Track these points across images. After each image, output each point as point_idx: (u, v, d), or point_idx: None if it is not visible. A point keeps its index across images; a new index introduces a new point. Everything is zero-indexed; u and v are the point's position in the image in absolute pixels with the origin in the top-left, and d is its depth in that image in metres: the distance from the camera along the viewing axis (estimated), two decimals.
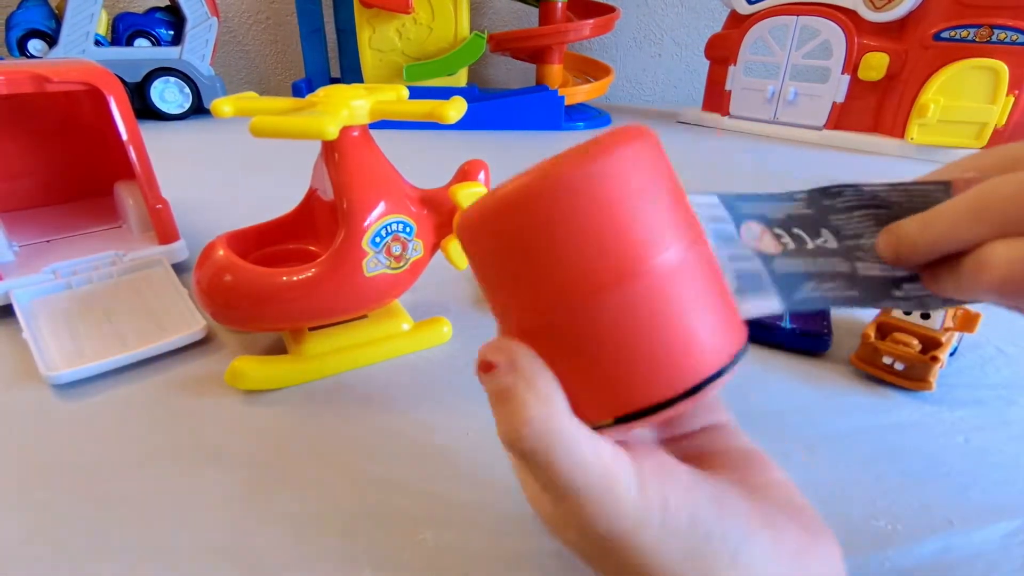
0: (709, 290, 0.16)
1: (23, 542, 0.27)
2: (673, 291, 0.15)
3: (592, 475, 0.15)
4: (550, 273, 0.15)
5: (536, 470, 0.16)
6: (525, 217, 0.15)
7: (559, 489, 0.16)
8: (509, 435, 0.16)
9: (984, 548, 0.27)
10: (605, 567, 0.17)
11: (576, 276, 0.15)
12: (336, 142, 0.34)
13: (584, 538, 0.17)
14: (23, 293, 0.44)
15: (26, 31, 1.11)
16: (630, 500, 0.16)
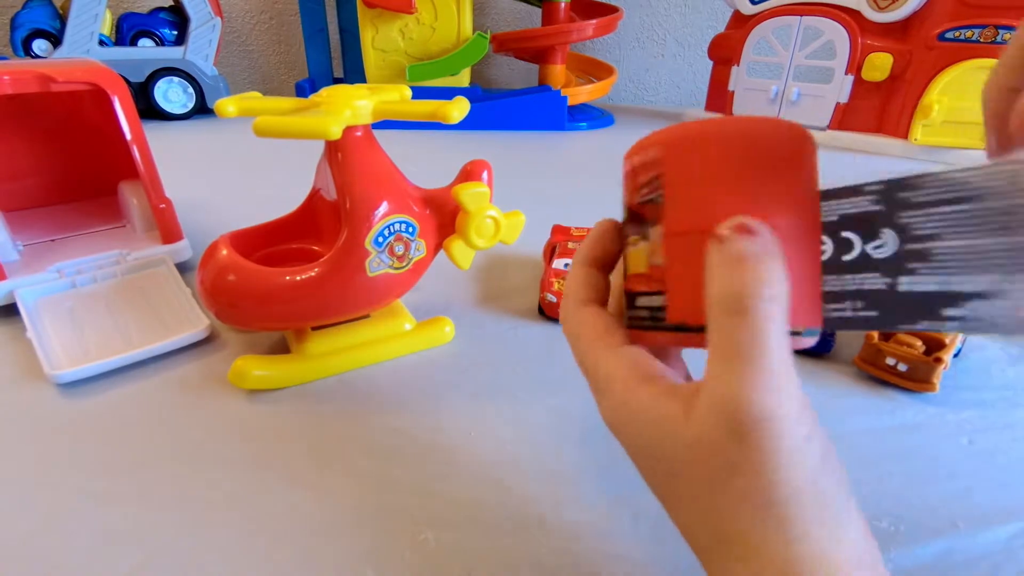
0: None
1: (27, 540, 0.27)
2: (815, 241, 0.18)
3: (780, 359, 0.16)
4: (783, 191, 0.17)
5: (741, 330, 0.16)
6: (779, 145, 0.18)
7: (747, 356, 0.15)
8: (737, 288, 0.16)
9: (989, 550, 0.27)
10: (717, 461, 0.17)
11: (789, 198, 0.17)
12: (339, 142, 0.34)
13: (724, 411, 0.16)
14: (28, 292, 0.44)
15: (31, 31, 1.12)
16: (794, 399, 0.16)
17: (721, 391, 0.16)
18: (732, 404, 0.15)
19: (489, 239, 0.39)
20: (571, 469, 0.32)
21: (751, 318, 0.15)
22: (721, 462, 0.16)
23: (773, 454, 0.15)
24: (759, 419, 0.15)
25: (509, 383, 0.39)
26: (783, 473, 0.15)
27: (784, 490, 0.15)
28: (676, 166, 0.18)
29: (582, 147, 1.07)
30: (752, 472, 0.15)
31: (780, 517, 0.15)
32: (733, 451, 0.15)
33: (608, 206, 0.73)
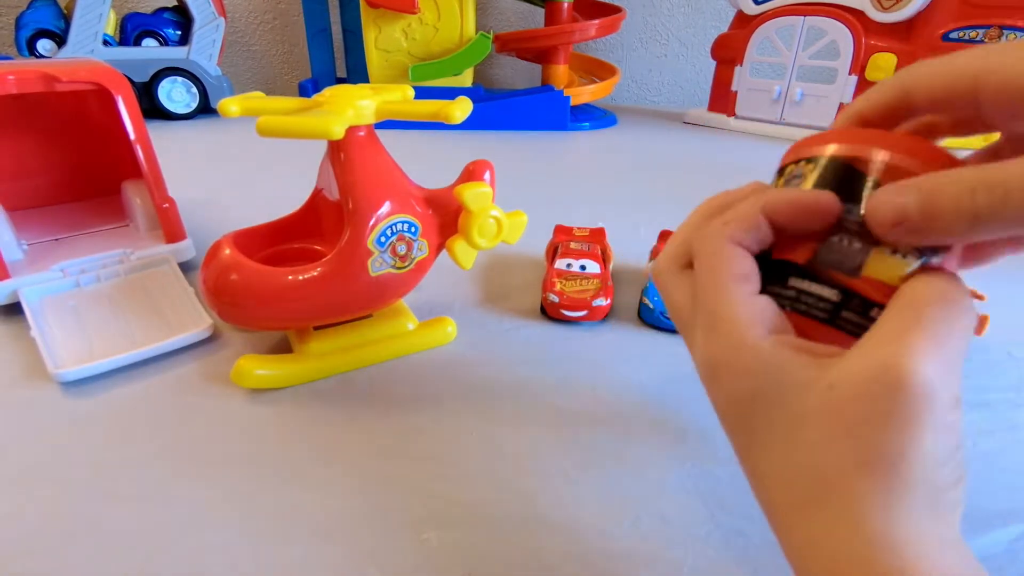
0: None
1: (30, 538, 0.27)
2: None
3: (960, 348, 0.16)
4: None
5: (937, 310, 0.16)
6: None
7: (931, 332, 0.15)
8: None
9: (991, 552, 0.27)
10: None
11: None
12: (342, 142, 0.35)
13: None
14: (32, 291, 0.44)
15: (35, 31, 1.12)
16: (954, 386, 0.15)
17: (887, 352, 0.15)
18: (897, 364, 0.15)
19: (491, 239, 0.39)
20: (573, 469, 0.32)
21: (957, 309, 0.16)
22: (857, 412, 0.15)
23: (916, 423, 0.15)
24: (923, 385, 0.14)
25: (511, 383, 0.39)
26: (915, 450, 0.15)
27: (906, 466, 0.15)
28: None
29: (585, 147, 1.07)
30: (888, 429, 0.15)
31: (899, 490, 0.15)
32: (877, 403, 0.15)
33: (610, 206, 0.73)
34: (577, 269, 0.48)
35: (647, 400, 0.37)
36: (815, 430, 0.16)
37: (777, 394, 0.17)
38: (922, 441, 0.15)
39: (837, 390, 0.16)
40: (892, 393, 0.15)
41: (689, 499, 0.29)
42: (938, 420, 0.15)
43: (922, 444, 0.15)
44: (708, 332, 0.19)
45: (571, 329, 0.45)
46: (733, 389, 0.18)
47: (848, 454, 0.15)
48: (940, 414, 0.15)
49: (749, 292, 0.18)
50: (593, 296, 0.45)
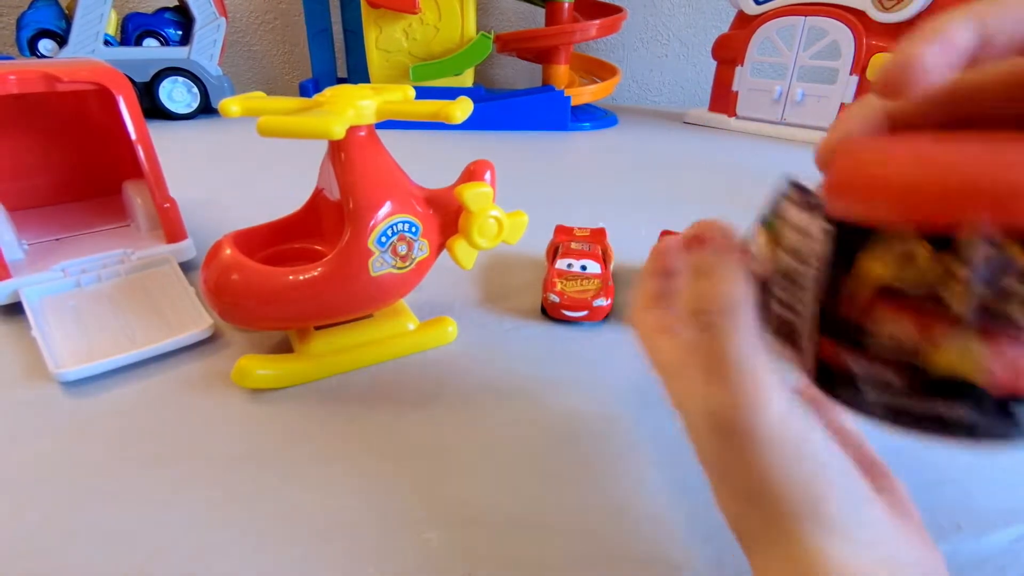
0: None
1: (31, 537, 0.27)
2: None
3: (748, 369, 0.17)
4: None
5: (708, 344, 0.18)
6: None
7: (718, 370, 0.18)
8: (701, 303, 0.18)
9: (992, 552, 0.27)
10: (710, 453, 0.19)
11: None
12: (342, 142, 0.35)
13: (708, 418, 0.19)
14: (32, 291, 0.44)
15: (37, 31, 1.12)
16: (772, 407, 0.17)
17: (704, 406, 0.18)
18: (713, 418, 0.18)
19: (492, 239, 0.39)
20: (574, 470, 0.31)
21: (719, 333, 0.18)
22: (717, 461, 0.19)
23: (755, 454, 0.17)
24: (738, 430, 0.17)
25: (511, 383, 0.39)
26: (766, 471, 0.17)
27: (769, 485, 0.17)
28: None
29: (585, 147, 1.07)
30: (740, 471, 0.18)
31: (768, 513, 0.18)
32: (724, 451, 0.18)
33: (611, 206, 0.73)
34: (578, 269, 0.48)
35: (648, 400, 0.37)
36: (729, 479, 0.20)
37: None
38: (766, 466, 0.18)
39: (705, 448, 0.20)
40: (726, 441, 0.19)
41: (691, 500, 0.29)
42: (778, 441, 0.18)
43: (767, 468, 0.18)
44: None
45: (572, 329, 0.45)
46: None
47: (734, 499, 0.20)
48: (776, 439, 0.18)
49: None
50: (594, 296, 0.45)
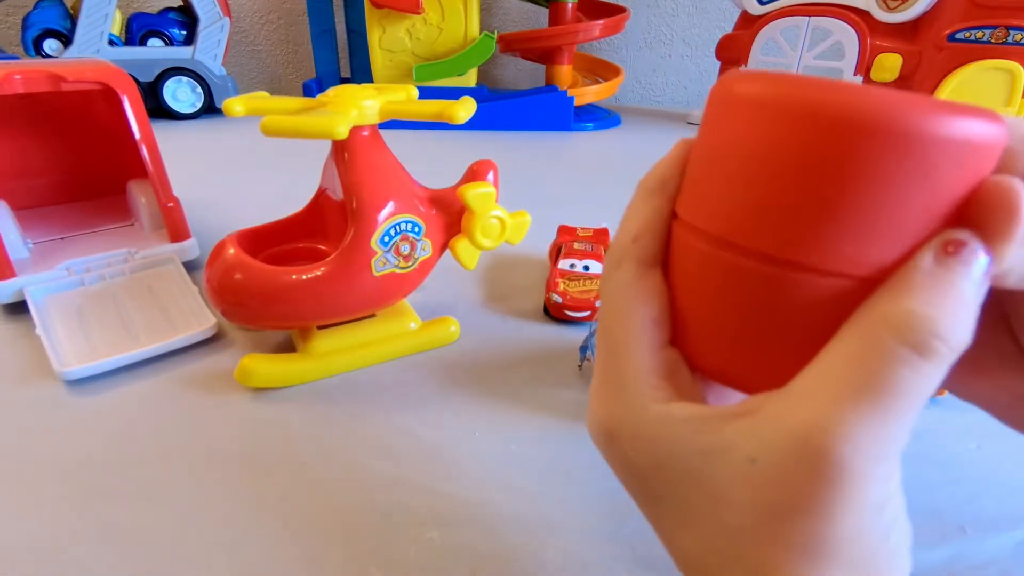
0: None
1: (35, 535, 0.27)
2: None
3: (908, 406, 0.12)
4: (817, 219, 0.13)
5: (873, 357, 0.12)
6: (859, 150, 0.12)
7: (866, 388, 0.12)
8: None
9: (997, 555, 0.27)
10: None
11: (839, 243, 0.13)
12: (346, 142, 0.35)
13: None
14: (37, 290, 0.44)
15: (42, 31, 1.13)
16: (892, 456, 0.13)
17: (810, 417, 0.12)
18: (820, 440, 0.12)
19: (495, 239, 0.39)
20: (577, 469, 0.31)
21: (927, 361, 0.12)
22: (781, 495, 0.13)
23: (849, 506, 0.12)
24: (848, 462, 0.12)
25: (514, 383, 0.39)
26: (851, 531, 0.13)
27: (844, 548, 0.13)
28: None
29: (588, 148, 1.07)
30: (818, 516, 0.13)
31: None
32: (803, 486, 0.13)
33: (614, 207, 0.72)
34: (581, 269, 0.48)
35: None
36: (736, 513, 0.14)
37: (687, 467, 0.15)
38: (853, 527, 0.13)
39: (759, 466, 0.13)
40: (815, 478, 0.12)
41: None
42: (870, 501, 0.13)
43: (853, 529, 0.13)
44: (607, 391, 0.16)
45: (575, 329, 0.45)
46: (635, 459, 0.16)
47: (775, 542, 0.13)
48: (871, 494, 0.13)
49: (657, 343, 0.16)
50: (596, 296, 0.45)
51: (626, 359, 0.16)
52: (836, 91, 0.12)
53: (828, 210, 0.12)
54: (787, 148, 0.13)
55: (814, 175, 0.12)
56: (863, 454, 0.12)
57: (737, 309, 0.14)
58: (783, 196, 0.13)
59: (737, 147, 0.14)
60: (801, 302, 0.13)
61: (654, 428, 0.15)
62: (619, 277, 0.16)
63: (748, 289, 0.14)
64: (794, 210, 0.13)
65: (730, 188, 0.14)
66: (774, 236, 0.13)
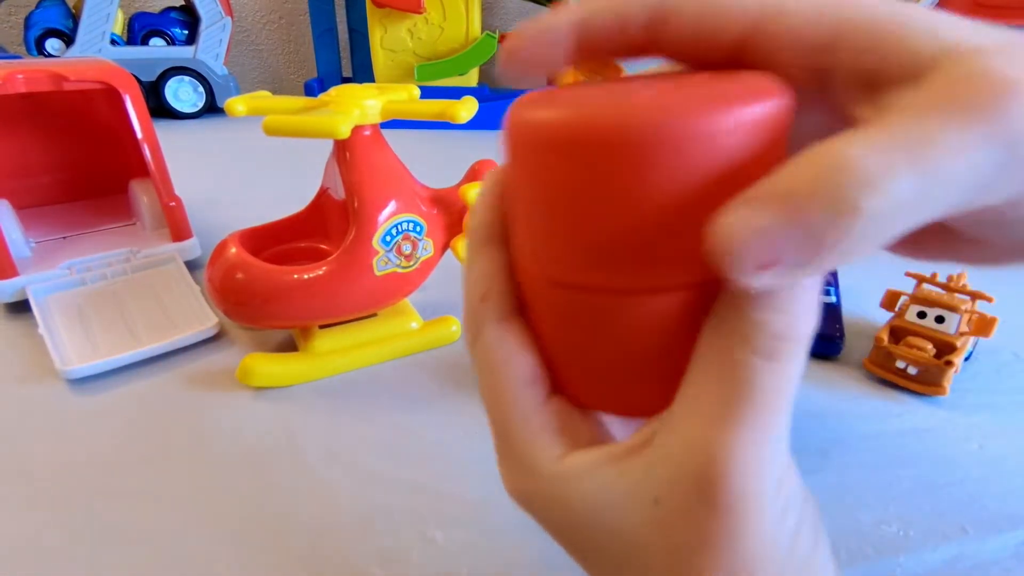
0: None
1: (38, 533, 0.27)
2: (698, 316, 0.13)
3: (782, 410, 0.13)
4: (624, 240, 0.12)
5: (764, 375, 0.12)
6: (630, 159, 0.11)
7: (745, 405, 0.12)
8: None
9: (998, 556, 0.27)
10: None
11: (653, 257, 0.12)
12: (348, 141, 0.35)
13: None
14: (39, 289, 0.44)
15: (44, 30, 1.13)
16: (779, 462, 0.13)
17: (692, 445, 0.13)
18: (707, 463, 0.12)
19: None
20: None
21: (778, 363, 0.12)
22: (688, 534, 0.13)
23: (754, 528, 0.13)
24: (741, 486, 0.12)
25: None
26: (762, 549, 0.13)
27: (761, 567, 0.13)
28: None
29: None
30: (727, 547, 0.13)
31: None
32: (705, 521, 0.12)
33: None
34: None
35: None
36: (655, 558, 0.13)
37: (601, 520, 0.14)
38: (762, 544, 0.13)
39: (663, 507, 0.13)
40: (714, 511, 0.12)
41: None
42: (772, 514, 0.13)
43: (764, 545, 0.13)
44: (507, 464, 0.16)
45: None
46: (552, 522, 0.15)
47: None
48: (770, 508, 0.13)
49: (539, 400, 0.15)
50: None
51: (513, 429, 0.15)
52: (609, 105, 0.12)
53: (635, 230, 0.12)
54: (564, 177, 0.12)
55: (603, 200, 0.12)
56: (752, 474, 0.12)
57: (594, 342, 0.14)
58: (587, 226, 0.12)
59: (529, 180, 0.13)
60: (652, 322, 0.13)
61: (559, 490, 0.14)
62: (481, 344, 0.15)
63: (598, 322, 0.13)
64: (606, 237, 0.12)
65: (539, 226, 0.13)
66: (600, 268, 0.12)
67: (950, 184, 0.10)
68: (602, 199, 0.12)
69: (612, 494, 0.14)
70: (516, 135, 0.13)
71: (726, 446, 0.12)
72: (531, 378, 0.15)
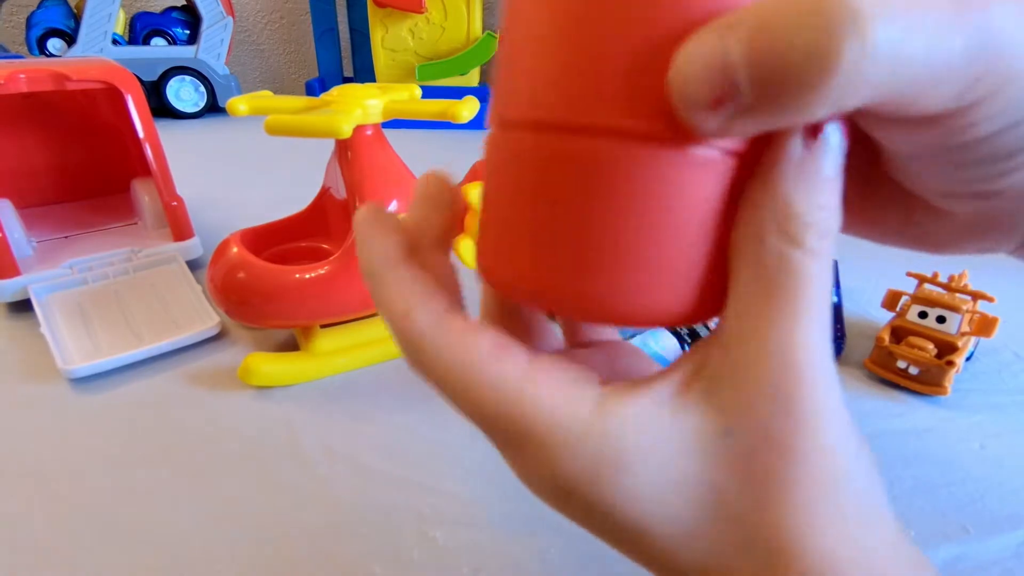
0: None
1: (41, 531, 0.27)
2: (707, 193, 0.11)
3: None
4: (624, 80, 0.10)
5: (797, 263, 0.11)
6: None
7: (792, 298, 0.11)
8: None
9: (1000, 555, 0.27)
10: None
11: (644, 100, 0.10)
12: (349, 141, 0.35)
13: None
14: (41, 288, 0.44)
15: (46, 30, 1.13)
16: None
17: (761, 359, 0.11)
18: (784, 369, 0.11)
19: None
20: None
21: (821, 259, 0.11)
22: (766, 458, 0.12)
23: (829, 438, 0.12)
24: (817, 393, 0.11)
25: None
26: (839, 463, 0.12)
27: (836, 480, 0.12)
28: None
29: None
30: (808, 462, 0.12)
31: (824, 513, 0.12)
32: (784, 437, 0.11)
33: None
34: None
35: None
36: (730, 503, 0.12)
37: (661, 480, 0.12)
38: (840, 458, 0.12)
39: (737, 436, 0.12)
40: (794, 423, 0.12)
41: None
42: (842, 425, 0.12)
43: (841, 460, 0.12)
44: (517, 453, 0.13)
45: None
46: (600, 503, 0.13)
47: (782, 510, 0.12)
48: (842, 416, 0.12)
49: (521, 363, 0.13)
50: None
51: (508, 409, 0.12)
52: None
53: (609, 57, 0.10)
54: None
55: (580, 22, 0.10)
56: (827, 376, 0.12)
57: (574, 208, 0.11)
58: (562, 51, 0.11)
59: (512, 17, 0.12)
60: (628, 183, 0.11)
61: (609, 453, 0.12)
62: (428, 353, 0.13)
63: (578, 180, 0.11)
64: (583, 61, 0.10)
65: (520, 63, 0.12)
66: (578, 99, 0.11)
67: (921, 47, 0.09)
68: (579, 20, 0.10)
69: (673, 442, 0.12)
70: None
71: (799, 349, 0.11)
72: (497, 346, 0.13)
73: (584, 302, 0.12)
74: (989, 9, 0.10)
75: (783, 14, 0.09)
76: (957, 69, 0.10)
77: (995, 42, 0.10)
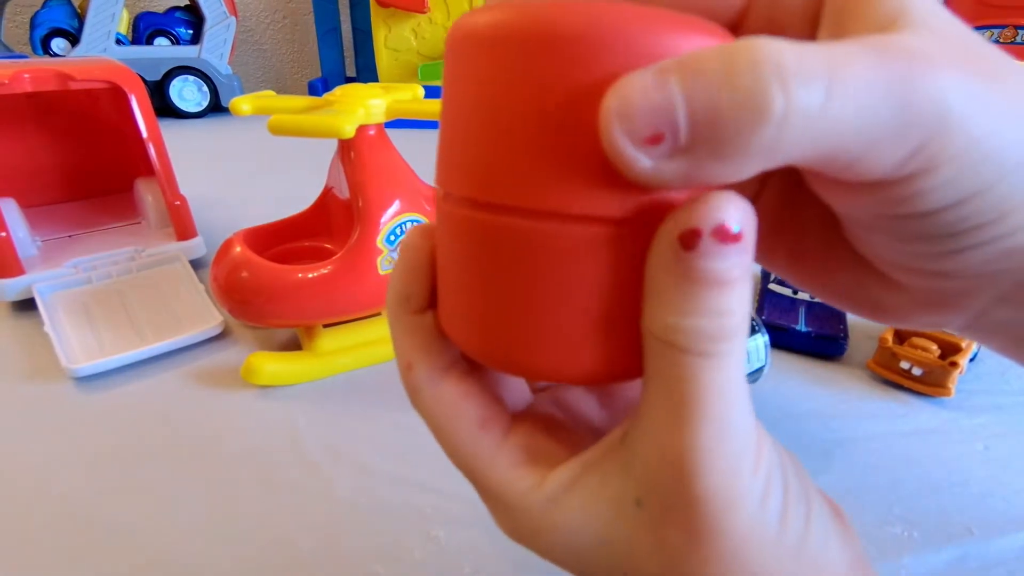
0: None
1: (43, 530, 0.28)
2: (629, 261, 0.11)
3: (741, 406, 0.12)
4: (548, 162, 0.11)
5: (703, 372, 0.11)
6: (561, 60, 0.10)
7: (697, 407, 0.11)
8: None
9: (1003, 557, 0.27)
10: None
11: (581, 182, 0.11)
12: (352, 141, 0.35)
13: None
14: (45, 287, 0.45)
15: (50, 30, 1.13)
16: (747, 455, 0.12)
17: (663, 446, 0.12)
18: (676, 463, 0.12)
19: None
20: None
21: (717, 360, 0.11)
22: (672, 532, 0.12)
23: (731, 520, 0.12)
24: (713, 484, 0.12)
25: None
26: (746, 539, 0.12)
27: (748, 557, 0.12)
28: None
29: None
30: (710, 541, 0.12)
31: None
32: (685, 517, 0.12)
33: None
34: None
35: None
36: (652, 563, 0.13)
37: (591, 534, 0.13)
38: (747, 534, 0.12)
39: (645, 507, 0.13)
40: (693, 509, 0.12)
41: None
42: (750, 503, 0.12)
43: (748, 536, 0.12)
44: (490, 507, 0.16)
45: None
46: (551, 551, 0.15)
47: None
48: (749, 496, 0.12)
49: (496, 440, 0.15)
50: None
51: (483, 477, 0.15)
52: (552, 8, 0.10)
53: (540, 136, 0.10)
54: (501, 77, 0.11)
55: (510, 99, 0.11)
56: (722, 469, 0.12)
57: (514, 282, 0.12)
58: (516, 136, 0.11)
59: (447, 88, 0.12)
60: (561, 262, 0.11)
61: (548, 518, 0.14)
62: (422, 407, 0.15)
63: (516, 258, 0.12)
64: (536, 148, 0.11)
65: (453, 141, 0.12)
66: (508, 182, 0.11)
67: (850, 111, 0.09)
68: (507, 97, 0.11)
69: (598, 503, 0.13)
70: (453, 41, 0.12)
71: (689, 449, 0.11)
72: (481, 421, 0.15)
73: (513, 365, 0.13)
74: (933, 79, 0.09)
75: (717, 61, 0.09)
76: (888, 138, 0.09)
77: (934, 113, 0.09)
